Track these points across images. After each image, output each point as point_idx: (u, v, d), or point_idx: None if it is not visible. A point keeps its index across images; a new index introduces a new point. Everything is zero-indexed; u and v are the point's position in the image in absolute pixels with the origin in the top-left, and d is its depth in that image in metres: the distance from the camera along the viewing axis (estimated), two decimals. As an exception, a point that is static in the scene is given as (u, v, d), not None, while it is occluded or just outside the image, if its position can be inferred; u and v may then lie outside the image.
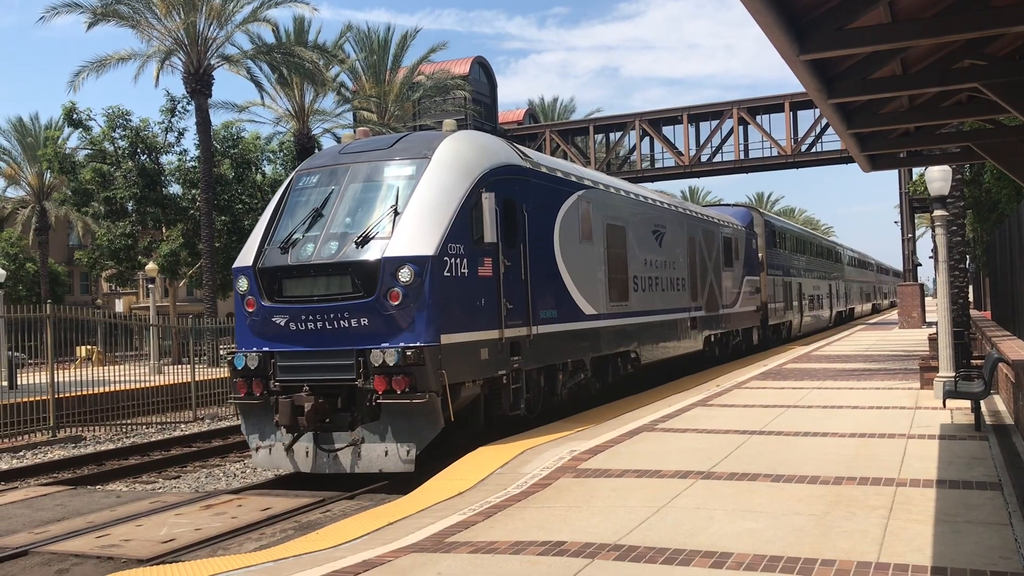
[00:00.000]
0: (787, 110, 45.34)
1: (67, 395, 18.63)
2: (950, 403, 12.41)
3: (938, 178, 13.65)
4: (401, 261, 10.80)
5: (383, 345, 10.77)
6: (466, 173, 11.88)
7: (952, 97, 11.16)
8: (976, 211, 31.20)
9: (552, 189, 14.18)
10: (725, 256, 24.69)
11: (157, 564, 7.69)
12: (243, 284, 11.77)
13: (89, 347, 29.68)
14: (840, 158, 43.72)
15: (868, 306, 66.35)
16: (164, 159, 39.78)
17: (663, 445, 10.66)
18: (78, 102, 37.19)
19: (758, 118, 46.16)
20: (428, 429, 10.74)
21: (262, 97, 39.32)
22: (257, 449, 11.61)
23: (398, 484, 10.72)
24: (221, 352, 24.84)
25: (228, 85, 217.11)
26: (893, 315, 56.43)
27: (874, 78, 8.96)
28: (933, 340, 18.25)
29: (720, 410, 13.61)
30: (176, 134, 39.35)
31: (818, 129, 45.03)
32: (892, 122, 11.34)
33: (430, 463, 11.05)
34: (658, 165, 49.78)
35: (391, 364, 10.61)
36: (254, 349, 11.54)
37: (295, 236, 11.68)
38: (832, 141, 44.05)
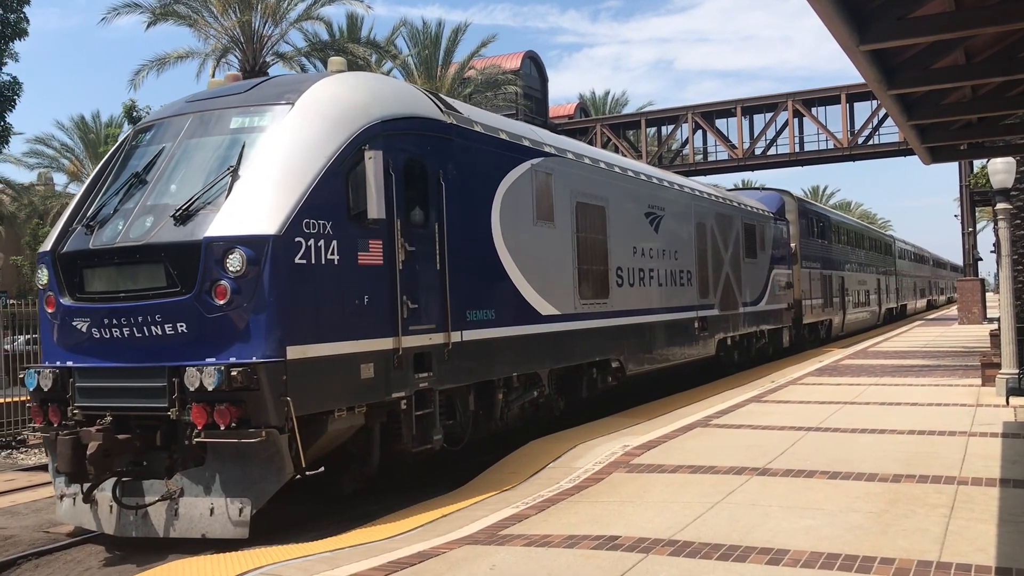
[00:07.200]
0: (843, 102, 44.52)
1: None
2: (1013, 400, 12.13)
3: (1002, 170, 13.37)
4: (230, 243, 7.86)
5: (207, 361, 7.83)
6: (343, 124, 8.82)
7: (1018, 87, 10.89)
8: (1040, 204, 30.41)
9: (490, 153, 11.14)
10: (747, 246, 21.37)
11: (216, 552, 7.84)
12: (43, 276, 8.87)
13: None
14: (899, 151, 42.83)
15: (923, 302, 63.29)
16: (220, 155, 40.49)
17: (717, 441, 10.58)
18: (138, 100, 37.58)
19: (814, 110, 45.41)
20: (269, 479, 7.89)
21: (316, 93, 39.73)
22: (61, 497, 8.64)
23: (453, 478, 10.77)
24: None
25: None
26: (951, 311, 55.26)
27: (936, 68, 8.80)
28: (995, 336, 17.84)
29: (775, 406, 13.46)
30: (232, 130, 40.03)
31: (875, 121, 44.16)
32: (954, 113, 11.11)
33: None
34: (711, 158, 49.29)
35: (210, 388, 7.66)
36: (56, 364, 8.69)
37: (105, 210, 8.85)
38: (890, 133, 43.17)
